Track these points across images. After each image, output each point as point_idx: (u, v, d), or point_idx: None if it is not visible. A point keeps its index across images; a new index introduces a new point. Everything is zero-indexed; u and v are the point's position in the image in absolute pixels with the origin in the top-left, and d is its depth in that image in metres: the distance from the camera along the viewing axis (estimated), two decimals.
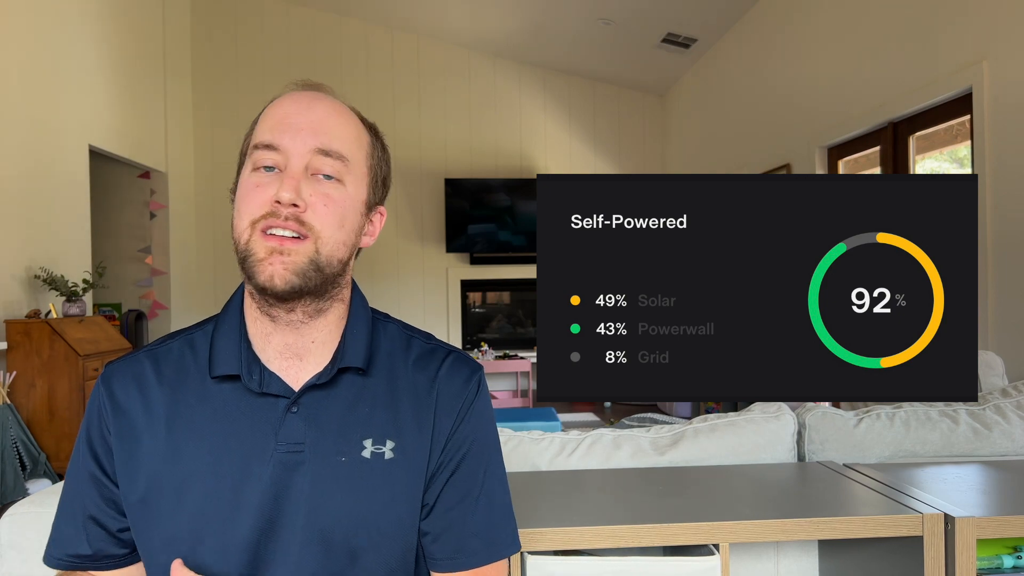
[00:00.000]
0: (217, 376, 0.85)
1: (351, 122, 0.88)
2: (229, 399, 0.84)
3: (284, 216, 0.80)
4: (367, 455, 0.84)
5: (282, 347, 0.86)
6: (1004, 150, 3.00)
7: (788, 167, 4.90)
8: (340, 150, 0.84)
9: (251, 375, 0.84)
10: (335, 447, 0.84)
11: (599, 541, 1.05)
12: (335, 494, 0.82)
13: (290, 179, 0.81)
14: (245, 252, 0.81)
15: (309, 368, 0.86)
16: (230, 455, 0.82)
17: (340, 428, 0.84)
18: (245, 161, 0.86)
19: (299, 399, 0.84)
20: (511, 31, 6.61)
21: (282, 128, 0.83)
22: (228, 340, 0.86)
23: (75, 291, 4.29)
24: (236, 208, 0.84)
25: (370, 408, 0.86)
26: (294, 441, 0.83)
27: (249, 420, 0.84)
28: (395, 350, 0.91)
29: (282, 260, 0.80)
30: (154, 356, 0.88)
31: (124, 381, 0.87)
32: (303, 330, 0.85)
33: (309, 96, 0.86)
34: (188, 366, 0.87)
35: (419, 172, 7.16)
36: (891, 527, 1.07)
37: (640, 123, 7.57)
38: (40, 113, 4.36)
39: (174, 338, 0.91)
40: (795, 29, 4.80)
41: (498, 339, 7.34)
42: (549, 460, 1.40)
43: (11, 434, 3.69)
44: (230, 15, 6.81)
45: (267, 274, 0.80)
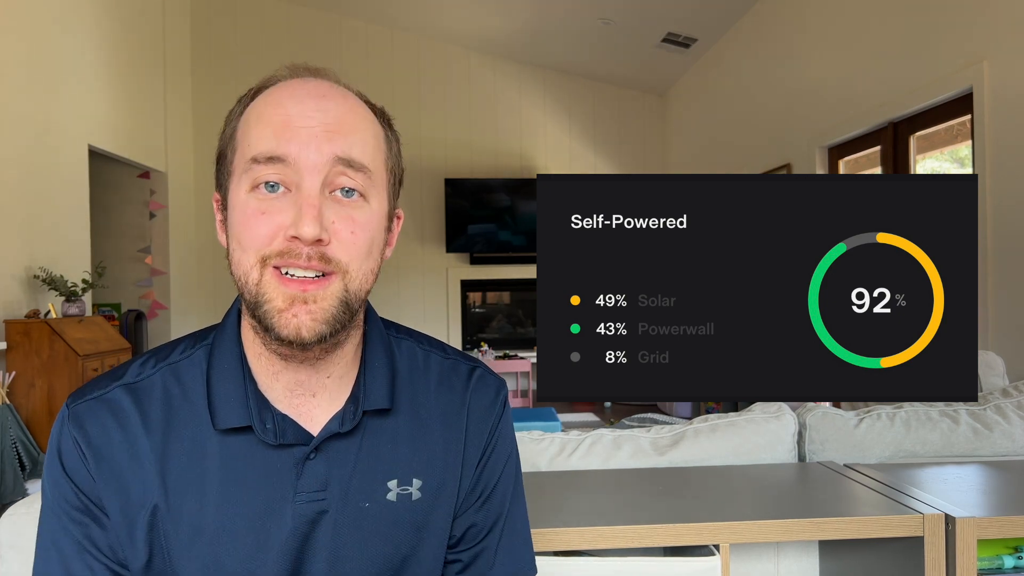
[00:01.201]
0: (223, 429, 0.72)
1: (368, 117, 0.74)
2: (237, 451, 0.72)
3: (306, 256, 0.66)
4: (392, 498, 0.75)
5: (292, 384, 0.74)
6: (1004, 150, 3.00)
7: (788, 167, 4.90)
8: (362, 159, 0.70)
9: (263, 424, 0.72)
10: (358, 492, 0.74)
11: (599, 541, 1.05)
12: (358, 544, 0.74)
13: (309, 206, 0.66)
14: (257, 298, 0.68)
15: (323, 405, 0.75)
16: (243, 513, 0.72)
17: (362, 471, 0.75)
18: (231, 174, 0.71)
19: (320, 445, 0.74)
20: (511, 31, 6.61)
21: (289, 134, 0.67)
22: (230, 382, 0.73)
23: (75, 291, 4.29)
24: (234, 238, 0.70)
25: (393, 445, 0.77)
26: (315, 490, 0.73)
27: (262, 473, 0.72)
28: (415, 374, 0.81)
29: (308, 309, 0.67)
30: (134, 393, 0.73)
31: (99, 420, 0.72)
32: (318, 366, 0.74)
33: (315, 88, 0.71)
34: (178, 408, 0.73)
35: (419, 172, 7.16)
36: (892, 527, 1.07)
37: (640, 123, 7.57)
38: (40, 113, 4.36)
39: (154, 367, 0.75)
40: (795, 29, 4.80)
41: (498, 339, 7.34)
42: (549, 460, 1.40)
43: (11, 434, 3.69)
44: (230, 15, 6.81)
45: (291, 328, 0.67)
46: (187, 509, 0.71)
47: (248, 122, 0.71)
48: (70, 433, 0.72)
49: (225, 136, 0.74)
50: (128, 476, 0.71)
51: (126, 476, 0.71)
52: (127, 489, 0.71)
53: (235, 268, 0.70)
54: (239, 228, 0.69)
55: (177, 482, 0.71)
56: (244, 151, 0.70)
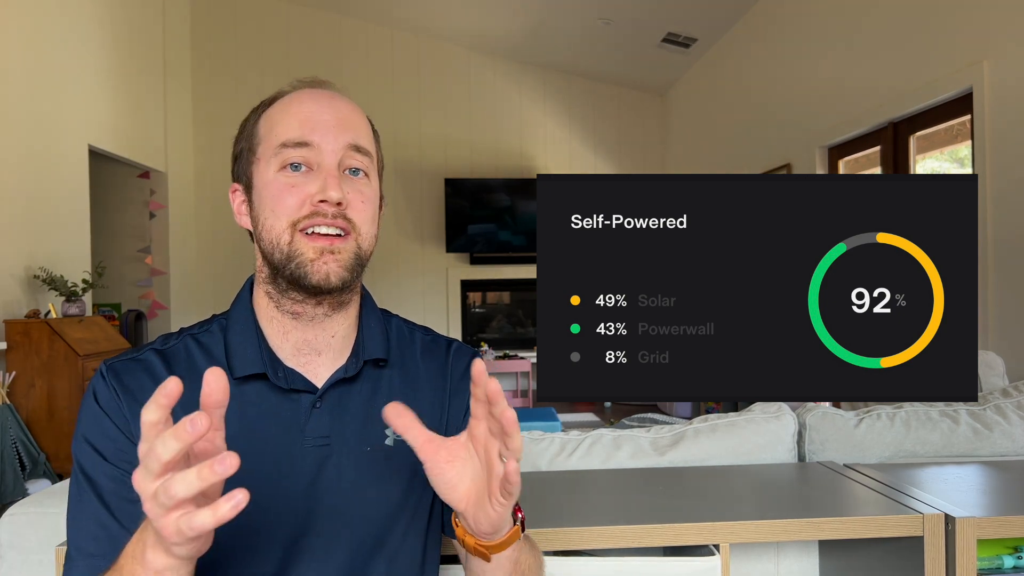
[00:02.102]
0: (240, 376, 0.84)
1: (365, 117, 0.91)
2: (253, 398, 0.84)
3: (331, 215, 0.82)
4: (390, 443, 0.86)
5: (301, 343, 0.86)
6: (1004, 150, 3.00)
7: (788, 167, 4.90)
8: (366, 146, 0.87)
9: (276, 372, 0.85)
10: (359, 438, 0.85)
11: (599, 541, 1.05)
12: (362, 483, 0.84)
13: (332, 177, 0.82)
14: (290, 254, 0.82)
15: (326, 362, 0.87)
16: (260, 453, 0.81)
17: (363, 419, 0.86)
18: (257, 161, 0.86)
19: (324, 394, 0.85)
20: (511, 31, 6.61)
21: (312, 125, 0.84)
22: (246, 339, 0.86)
23: (75, 291, 4.29)
24: (267, 209, 0.84)
25: (389, 397, 0.85)
26: (321, 435, 0.84)
27: (275, 418, 0.84)
28: (403, 342, 0.94)
29: (334, 259, 0.82)
30: (163, 356, 0.85)
31: (134, 374, 0.83)
32: (325, 324, 0.87)
33: (325, 93, 0.88)
34: (201, 366, 0.83)
35: (419, 172, 7.16)
36: (891, 527, 1.07)
37: (640, 123, 7.57)
38: (40, 113, 4.36)
39: (177, 339, 0.88)
40: (795, 29, 4.80)
41: (498, 339, 7.34)
42: (549, 460, 1.40)
43: (11, 434, 3.69)
44: (230, 15, 6.81)
45: (323, 273, 0.81)
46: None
47: (272, 119, 0.87)
48: (108, 383, 0.81)
49: (245, 136, 0.89)
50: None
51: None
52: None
53: (267, 234, 0.84)
54: (272, 201, 0.83)
55: None
56: (272, 140, 0.85)
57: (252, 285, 0.90)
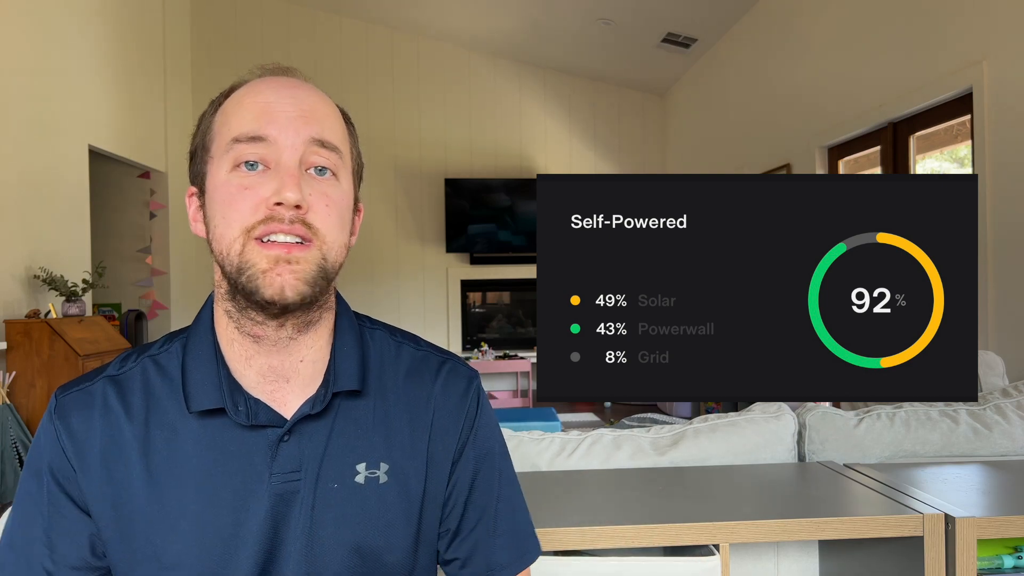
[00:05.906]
0: (197, 412, 0.75)
1: (335, 109, 0.79)
2: (213, 433, 0.75)
3: (288, 220, 0.70)
4: (360, 480, 0.77)
5: (265, 370, 0.76)
6: (1004, 150, 3.00)
7: (788, 167, 4.90)
8: (334, 141, 0.75)
9: (236, 407, 0.75)
10: (328, 473, 0.76)
11: (599, 541, 1.05)
12: (328, 523, 0.76)
13: (290, 176, 0.71)
14: (240, 265, 0.71)
15: (296, 390, 0.77)
16: (222, 493, 0.74)
17: (332, 453, 0.77)
18: (210, 160, 0.76)
19: (293, 427, 0.76)
20: (511, 31, 6.61)
21: (268, 117, 0.72)
22: (204, 368, 0.76)
23: (75, 291, 4.29)
24: (218, 215, 0.73)
25: (362, 430, 0.79)
26: (289, 471, 0.75)
27: (238, 454, 0.75)
28: (385, 362, 0.83)
29: (291, 269, 0.70)
30: (116, 384, 0.77)
31: (84, 413, 0.75)
32: (291, 348, 0.76)
33: (288, 81, 0.76)
34: (159, 395, 0.76)
35: (419, 172, 7.16)
36: (891, 527, 1.07)
37: (640, 123, 7.57)
38: (40, 113, 4.36)
39: (135, 361, 0.79)
40: (795, 29, 4.80)
41: (498, 339, 7.34)
42: (549, 460, 1.40)
43: (11, 434, 3.69)
44: (230, 15, 6.81)
45: (276, 287, 0.70)
46: (168, 492, 0.74)
47: (226, 112, 0.76)
48: (53, 422, 0.76)
49: (200, 132, 0.79)
50: (110, 464, 0.74)
51: (108, 464, 0.74)
52: (109, 477, 0.74)
53: (217, 244, 0.73)
54: (223, 205, 0.73)
55: (158, 467, 0.74)
56: (225, 135, 0.74)
57: (213, 302, 0.80)
